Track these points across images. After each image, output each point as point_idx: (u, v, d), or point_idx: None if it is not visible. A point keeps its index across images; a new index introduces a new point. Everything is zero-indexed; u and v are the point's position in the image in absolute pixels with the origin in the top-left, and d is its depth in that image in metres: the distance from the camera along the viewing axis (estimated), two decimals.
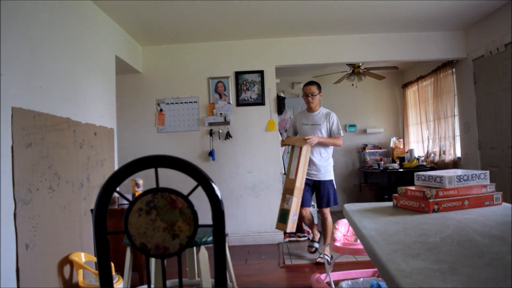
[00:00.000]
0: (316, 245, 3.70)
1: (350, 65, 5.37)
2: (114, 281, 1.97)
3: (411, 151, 5.58)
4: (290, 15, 3.75)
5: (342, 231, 2.87)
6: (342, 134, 3.44)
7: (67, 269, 2.50)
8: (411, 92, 5.99)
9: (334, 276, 2.74)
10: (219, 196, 0.90)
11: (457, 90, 4.66)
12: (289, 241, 4.36)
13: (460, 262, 0.81)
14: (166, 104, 4.45)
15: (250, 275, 3.21)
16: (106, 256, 0.90)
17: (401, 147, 6.03)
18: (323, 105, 3.70)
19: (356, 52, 4.50)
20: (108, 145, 3.36)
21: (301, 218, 3.53)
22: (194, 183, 0.89)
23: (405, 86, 6.14)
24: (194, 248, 2.26)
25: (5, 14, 2.03)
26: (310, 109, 3.54)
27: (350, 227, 2.49)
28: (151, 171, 0.89)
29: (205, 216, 1.11)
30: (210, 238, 1.96)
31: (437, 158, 4.99)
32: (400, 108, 6.43)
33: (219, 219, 0.90)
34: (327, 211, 3.47)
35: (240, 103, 4.44)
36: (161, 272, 0.94)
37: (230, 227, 4.26)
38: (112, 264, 2.10)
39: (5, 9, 2.02)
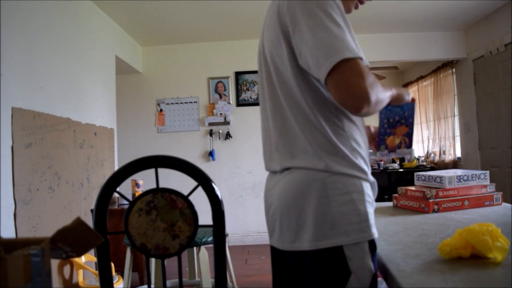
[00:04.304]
0: None
1: None
2: (114, 281, 1.97)
3: (411, 151, 5.58)
4: None
5: None
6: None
7: (67, 269, 2.50)
8: (411, 92, 5.98)
9: None
10: (219, 196, 0.90)
11: (457, 90, 4.66)
12: None
13: (460, 262, 0.81)
14: (166, 104, 4.45)
15: (250, 275, 3.21)
16: (106, 256, 0.90)
17: None
18: None
19: None
20: (108, 145, 3.36)
21: None
22: (194, 183, 0.89)
23: (405, 86, 6.14)
24: (194, 248, 2.26)
25: (4, 14, 2.02)
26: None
27: None
28: (151, 171, 0.89)
29: (205, 216, 1.11)
30: (210, 238, 1.96)
31: (437, 158, 4.99)
32: None
33: (219, 219, 0.90)
34: None
35: (240, 103, 4.44)
36: (161, 272, 0.94)
37: (230, 227, 4.26)
38: (112, 264, 2.10)
39: (4, 9, 2.02)
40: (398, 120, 1.04)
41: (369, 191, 0.89)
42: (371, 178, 0.90)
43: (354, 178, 0.86)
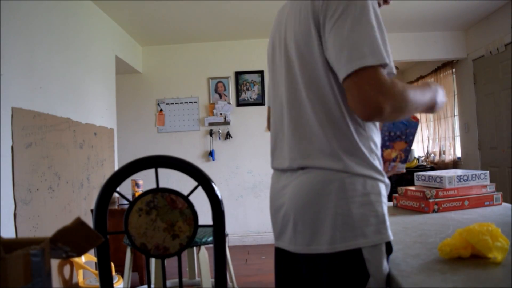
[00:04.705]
0: None
1: None
2: (114, 281, 1.97)
3: (411, 151, 5.58)
4: None
5: None
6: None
7: (67, 269, 2.50)
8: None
9: None
10: (219, 196, 0.90)
11: (457, 90, 4.66)
12: None
13: (460, 262, 0.81)
14: (166, 104, 4.45)
15: (250, 275, 3.21)
16: (106, 256, 0.90)
17: None
18: None
19: None
20: (108, 145, 3.36)
21: None
22: (194, 183, 0.89)
23: None
24: (194, 248, 2.26)
25: (4, 14, 2.02)
26: None
27: None
28: (151, 171, 0.89)
29: (205, 216, 1.11)
30: (210, 238, 1.96)
31: (437, 158, 4.99)
32: None
33: (219, 219, 0.90)
34: None
35: (240, 103, 4.44)
36: (161, 272, 0.94)
37: (230, 227, 4.26)
38: (112, 264, 2.10)
39: (5, 9, 2.02)
40: (399, 135, 1.05)
41: (385, 192, 0.87)
42: (387, 179, 0.88)
43: (372, 180, 0.84)
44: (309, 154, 0.87)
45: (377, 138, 0.90)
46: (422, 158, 5.33)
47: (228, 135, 4.38)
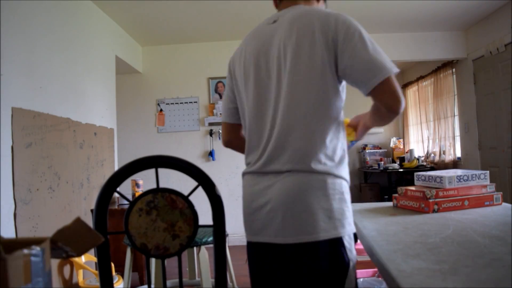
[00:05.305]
0: None
1: None
2: (114, 281, 1.97)
3: (411, 151, 5.58)
4: None
5: None
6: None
7: (67, 269, 2.50)
8: (411, 92, 5.98)
9: None
10: (220, 196, 0.90)
11: (457, 90, 4.66)
12: None
13: (460, 262, 0.81)
14: (166, 104, 4.45)
15: None
16: (106, 256, 0.90)
17: (401, 147, 6.02)
18: None
19: None
20: (108, 145, 3.36)
21: None
22: (194, 183, 0.89)
23: (405, 86, 6.14)
24: (194, 248, 2.27)
25: (4, 14, 2.02)
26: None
27: None
28: (151, 171, 0.89)
29: (205, 216, 1.11)
30: (210, 238, 1.96)
31: (437, 158, 4.99)
32: None
33: (219, 219, 0.90)
34: None
35: None
36: (161, 272, 0.94)
37: (230, 227, 4.25)
38: (112, 264, 2.10)
39: (5, 9, 2.02)
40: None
41: (348, 191, 1.05)
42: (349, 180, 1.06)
43: (343, 180, 1.01)
44: (296, 159, 1.00)
45: (346, 146, 1.08)
46: (422, 158, 5.33)
47: None
